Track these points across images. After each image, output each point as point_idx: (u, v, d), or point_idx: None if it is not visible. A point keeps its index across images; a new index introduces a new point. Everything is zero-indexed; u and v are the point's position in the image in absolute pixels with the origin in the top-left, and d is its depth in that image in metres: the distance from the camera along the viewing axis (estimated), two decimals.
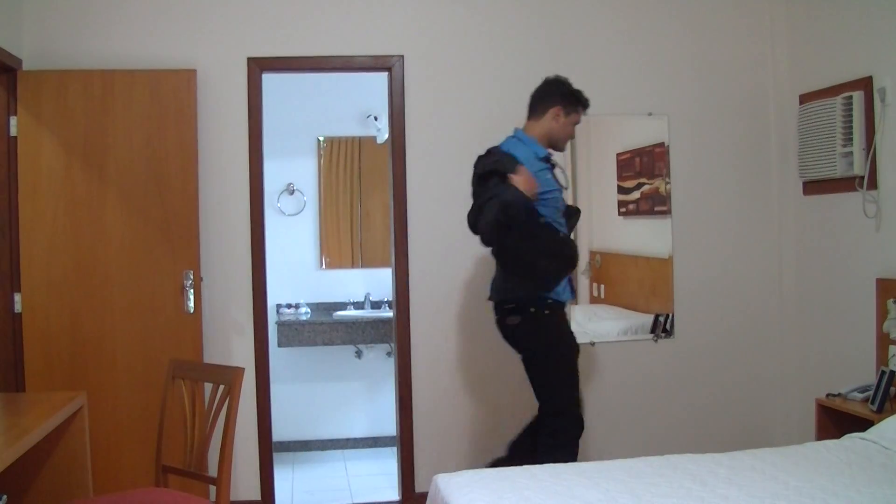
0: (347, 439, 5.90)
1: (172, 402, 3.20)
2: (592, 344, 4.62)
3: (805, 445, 3.12)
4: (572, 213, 3.88)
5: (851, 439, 3.13)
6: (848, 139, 3.98)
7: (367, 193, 5.96)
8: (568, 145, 4.56)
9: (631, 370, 4.67)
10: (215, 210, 4.34)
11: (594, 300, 4.76)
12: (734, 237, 4.74)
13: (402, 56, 4.46)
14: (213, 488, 2.97)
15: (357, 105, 5.86)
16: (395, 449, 4.97)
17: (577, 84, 4.59)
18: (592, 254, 4.71)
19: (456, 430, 4.52)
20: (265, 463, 4.41)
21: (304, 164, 5.88)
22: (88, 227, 4.12)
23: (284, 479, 5.10)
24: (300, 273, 5.86)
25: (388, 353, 5.79)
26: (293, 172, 5.83)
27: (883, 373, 3.56)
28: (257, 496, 4.40)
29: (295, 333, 5.51)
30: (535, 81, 4.57)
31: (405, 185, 4.47)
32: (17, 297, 4.07)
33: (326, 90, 5.78)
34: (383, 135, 5.68)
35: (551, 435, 3.62)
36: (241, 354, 4.36)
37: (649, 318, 4.69)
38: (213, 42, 4.34)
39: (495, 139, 4.54)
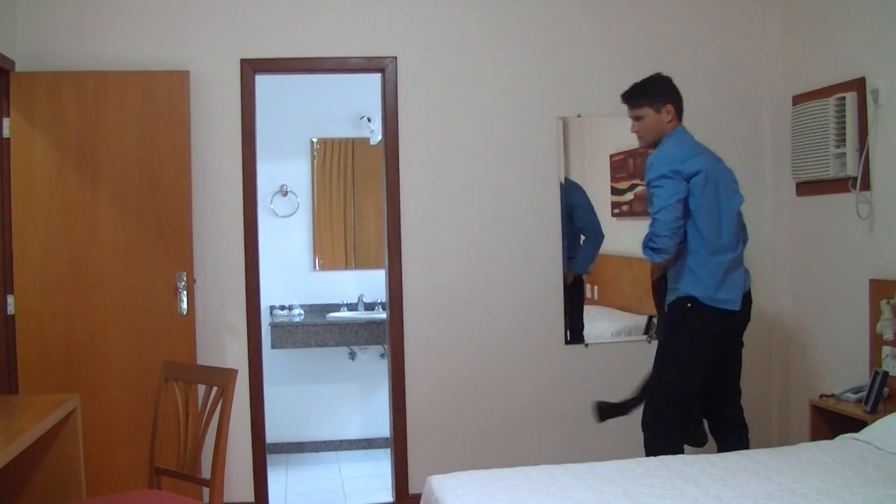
0: (341, 441, 5.89)
1: (166, 403, 3.19)
2: (586, 345, 4.63)
3: (799, 446, 3.13)
4: None
5: (845, 440, 3.14)
6: (841, 140, 3.99)
7: (360, 195, 5.94)
8: (561, 147, 4.58)
9: (624, 371, 4.65)
10: (208, 211, 4.33)
11: (588, 301, 4.75)
12: None
13: (396, 57, 4.46)
14: (206, 490, 2.97)
15: (350, 106, 5.85)
16: (388, 450, 4.97)
17: (569, 85, 4.62)
18: None
19: (450, 431, 4.52)
20: (259, 465, 4.40)
21: (298, 165, 5.87)
22: (81, 228, 4.11)
23: (278, 480, 5.09)
24: (293, 274, 5.85)
25: (382, 355, 5.79)
26: (286, 174, 5.82)
27: (876, 373, 3.56)
28: (251, 498, 4.39)
29: (288, 335, 5.49)
30: (529, 81, 4.59)
31: (398, 187, 4.47)
32: (10, 299, 4.05)
33: (319, 91, 5.77)
34: (376, 136, 5.67)
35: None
36: (235, 356, 4.35)
37: (643, 319, 4.69)
38: (206, 43, 4.33)
39: (488, 140, 4.57)
